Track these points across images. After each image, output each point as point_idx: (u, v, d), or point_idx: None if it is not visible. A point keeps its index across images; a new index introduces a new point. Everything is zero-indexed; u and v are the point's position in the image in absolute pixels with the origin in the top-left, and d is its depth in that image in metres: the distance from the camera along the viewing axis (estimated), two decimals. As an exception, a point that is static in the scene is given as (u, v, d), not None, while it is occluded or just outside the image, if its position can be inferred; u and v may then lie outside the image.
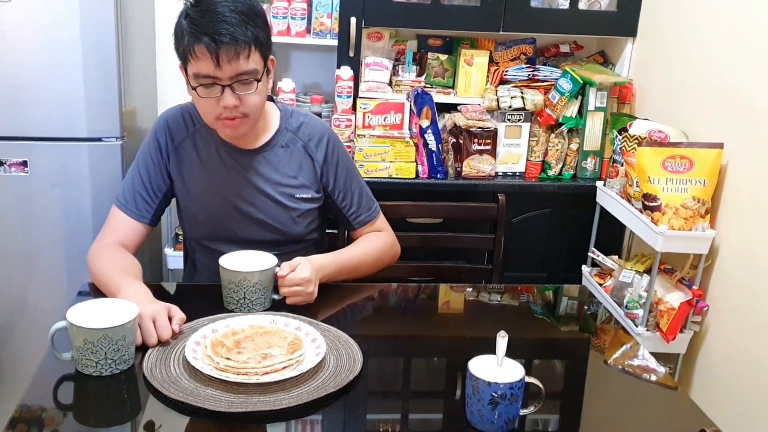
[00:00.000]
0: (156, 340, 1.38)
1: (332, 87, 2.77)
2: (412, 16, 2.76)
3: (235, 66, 1.54)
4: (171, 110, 1.79)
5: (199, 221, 1.77)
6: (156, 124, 1.77)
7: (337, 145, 1.82)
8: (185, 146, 1.75)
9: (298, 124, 1.78)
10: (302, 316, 1.49)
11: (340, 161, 1.80)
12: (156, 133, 1.75)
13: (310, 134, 1.78)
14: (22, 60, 2.28)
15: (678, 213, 2.19)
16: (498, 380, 1.17)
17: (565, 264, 2.84)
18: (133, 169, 1.76)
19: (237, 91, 1.57)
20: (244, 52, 1.54)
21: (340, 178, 1.80)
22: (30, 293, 2.46)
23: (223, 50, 1.51)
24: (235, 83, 1.56)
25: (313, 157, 1.78)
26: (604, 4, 2.86)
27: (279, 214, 1.76)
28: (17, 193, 2.38)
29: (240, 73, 1.55)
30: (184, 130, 1.75)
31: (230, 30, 1.51)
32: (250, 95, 1.59)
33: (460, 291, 1.82)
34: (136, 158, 1.77)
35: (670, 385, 1.46)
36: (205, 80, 1.55)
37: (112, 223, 1.73)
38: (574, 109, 2.75)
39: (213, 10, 1.53)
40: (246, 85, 1.57)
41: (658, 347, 2.24)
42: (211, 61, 1.52)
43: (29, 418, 1.21)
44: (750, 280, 2.10)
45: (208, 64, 1.53)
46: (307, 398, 1.24)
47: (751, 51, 2.14)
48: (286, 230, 1.77)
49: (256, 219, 1.75)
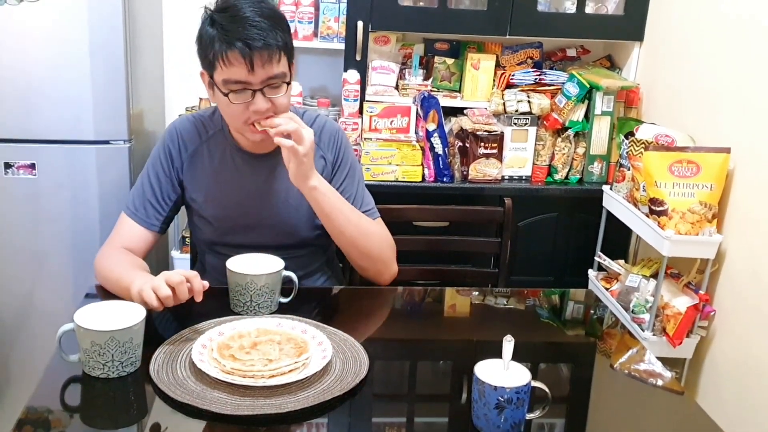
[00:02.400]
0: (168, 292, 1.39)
1: (339, 90, 2.78)
2: (419, 20, 2.77)
3: (267, 70, 1.55)
4: (180, 120, 1.80)
5: (212, 225, 1.78)
6: (166, 133, 1.78)
7: (346, 144, 1.83)
8: (200, 153, 1.76)
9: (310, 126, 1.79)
10: (308, 319, 1.49)
11: (345, 159, 1.81)
12: (167, 142, 1.76)
13: (322, 135, 1.79)
14: (31, 63, 2.30)
15: (685, 217, 2.19)
16: (504, 384, 1.17)
17: (571, 268, 2.84)
18: (142, 177, 1.76)
19: (267, 94, 1.58)
20: (276, 56, 1.55)
21: (341, 175, 1.80)
22: (37, 295, 2.47)
23: (257, 55, 1.52)
24: (266, 87, 1.57)
25: (325, 158, 1.79)
26: (611, 8, 2.86)
27: (290, 217, 1.76)
28: (25, 196, 2.39)
29: (271, 77, 1.57)
30: (197, 137, 1.76)
31: (262, 35, 1.52)
32: (280, 98, 1.60)
33: (466, 294, 1.82)
34: (146, 167, 1.77)
35: (677, 390, 1.46)
36: (236, 86, 1.56)
37: (121, 231, 1.73)
38: (580, 113, 2.75)
39: (241, 15, 1.54)
40: (276, 88, 1.59)
41: (665, 352, 2.24)
42: (245, 67, 1.53)
43: (36, 420, 1.22)
44: (757, 284, 2.09)
45: (240, 69, 1.53)
46: (313, 401, 1.24)
47: (758, 56, 2.14)
48: (297, 233, 1.77)
49: (268, 222, 1.76)
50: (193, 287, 1.43)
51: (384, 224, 1.84)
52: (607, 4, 2.87)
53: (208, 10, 1.58)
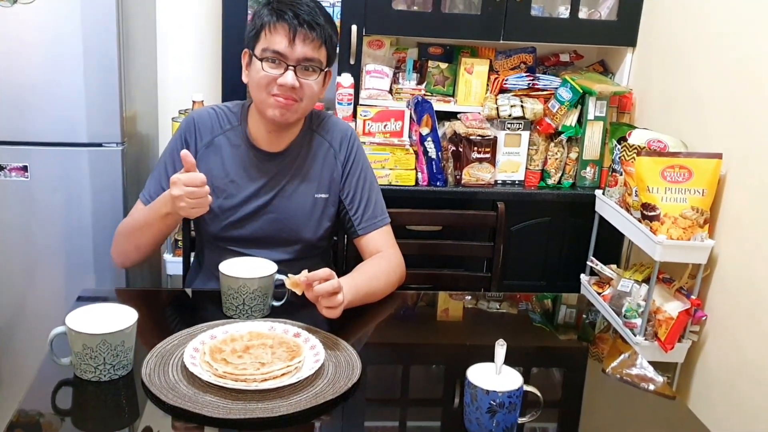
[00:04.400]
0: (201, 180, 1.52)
1: (333, 94, 2.78)
2: (412, 25, 2.77)
3: (306, 49, 1.63)
4: (199, 111, 1.84)
5: (218, 217, 1.78)
6: (184, 123, 1.81)
7: (358, 146, 1.86)
8: (215, 144, 1.79)
9: (321, 125, 1.82)
10: (301, 323, 1.49)
11: (357, 161, 1.83)
12: (184, 132, 1.79)
13: (334, 133, 1.83)
14: (24, 64, 2.29)
15: (677, 223, 2.19)
16: (496, 388, 1.17)
17: (563, 273, 2.84)
18: (159, 166, 1.79)
19: (299, 75, 1.64)
20: (317, 40, 1.64)
21: (352, 178, 1.82)
22: (29, 298, 2.46)
23: (301, 30, 1.62)
24: (300, 67, 1.64)
25: (337, 157, 1.81)
26: (604, 13, 2.87)
27: (297, 215, 1.78)
28: (17, 198, 2.38)
29: (308, 58, 1.64)
30: (218, 127, 1.80)
31: (312, 15, 1.64)
32: (309, 82, 1.66)
33: (458, 299, 1.83)
34: (162, 155, 1.81)
35: (668, 394, 1.46)
36: (273, 55, 1.63)
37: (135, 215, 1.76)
38: (573, 118, 2.76)
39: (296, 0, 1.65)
40: (308, 71, 1.66)
41: (657, 356, 2.24)
42: (286, 37, 1.61)
43: (27, 423, 1.21)
44: (748, 290, 2.10)
45: (282, 39, 1.62)
46: (306, 405, 1.24)
47: (750, 62, 2.15)
48: (302, 232, 1.79)
49: (275, 219, 1.78)
50: None
51: (392, 235, 1.85)
52: (601, 10, 2.88)
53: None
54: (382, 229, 1.83)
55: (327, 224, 1.83)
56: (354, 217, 1.82)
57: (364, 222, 1.82)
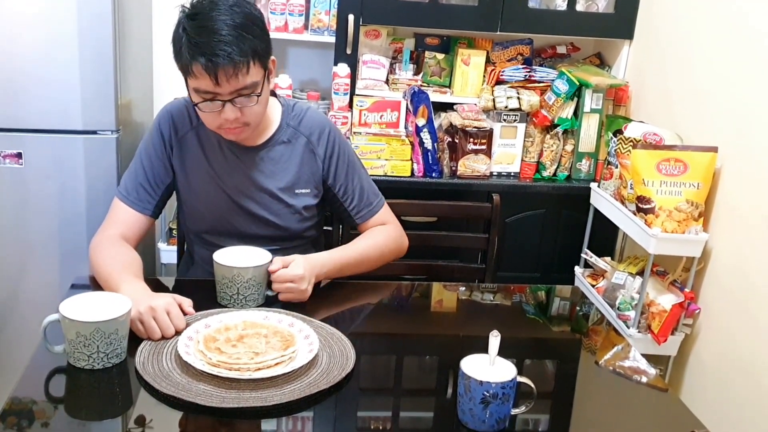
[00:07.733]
0: (173, 331, 1.39)
1: (329, 84, 2.77)
2: (409, 15, 2.76)
3: (234, 83, 1.53)
4: (174, 103, 1.78)
5: (201, 215, 1.77)
6: (159, 116, 1.77)
7: (339, 138, 1.81)
8: (189, 139, 1.74)
9: (299, 119, 1.78)
10: (295, 313, 1.49)
11: (342, 154, 1.80)
12: (159, 125, 1.75)
13: (312, 128, 1.78)
14: (18, 51, 2.27)
15: (671, 216, 2.20)
16: (490, 379, 1.17)
17: (558, 265, 2.85)
18: (135, 160, 1.75)
19: (238, 104, 1.56)
20: (243, 69, 1.52)
21: (341, 172, 1.80)
22: (23, 286, 2.46)
23: (221, 70, 1.50)
24: (236, 97, 1.55)
25: (315, 152, 1.78)
26: (601, 6, 2.87)
27: (279, 210, 1.76)
28: (11, 186, 2.37)
29: (240, 89, 1.54)
30: (188, 123, 1.75)
31: (227, 50, 1.49)
32: (252, 107, 1.59)
33: (453, 290, 1.83)
34: (139, 150, 1.76)
35: (661, 386, 1.47)
36: (206, 95, 1.55)
37: (114, 215, 1.72)
38: (569, 111, 2.76)
39: (209, 26, 1.50)
40: (247, 97, 1.57)
41: (650, 349, 2.25)
42: (210, 80, 1.51)
43: (20, 411, 1.21)
44: (742, 283, 2.11)
45: (207, 81, 1.52)
46: (299, 395, 1.24)
47: (746, 55, 2.15)
48: (285, 226, 1.77)
49: (256, 215, 1.75)
50: (182, 307, 1.45)
51: (389, 211, 1.87)
52: (598, 2, 2.87)
53: (183, 9, 1.55)
54: (380, 212, 1.85)
55: (310, 216, 1.81)
56: (351, 209, 1.82)
57: (362, 211, 1.83)
